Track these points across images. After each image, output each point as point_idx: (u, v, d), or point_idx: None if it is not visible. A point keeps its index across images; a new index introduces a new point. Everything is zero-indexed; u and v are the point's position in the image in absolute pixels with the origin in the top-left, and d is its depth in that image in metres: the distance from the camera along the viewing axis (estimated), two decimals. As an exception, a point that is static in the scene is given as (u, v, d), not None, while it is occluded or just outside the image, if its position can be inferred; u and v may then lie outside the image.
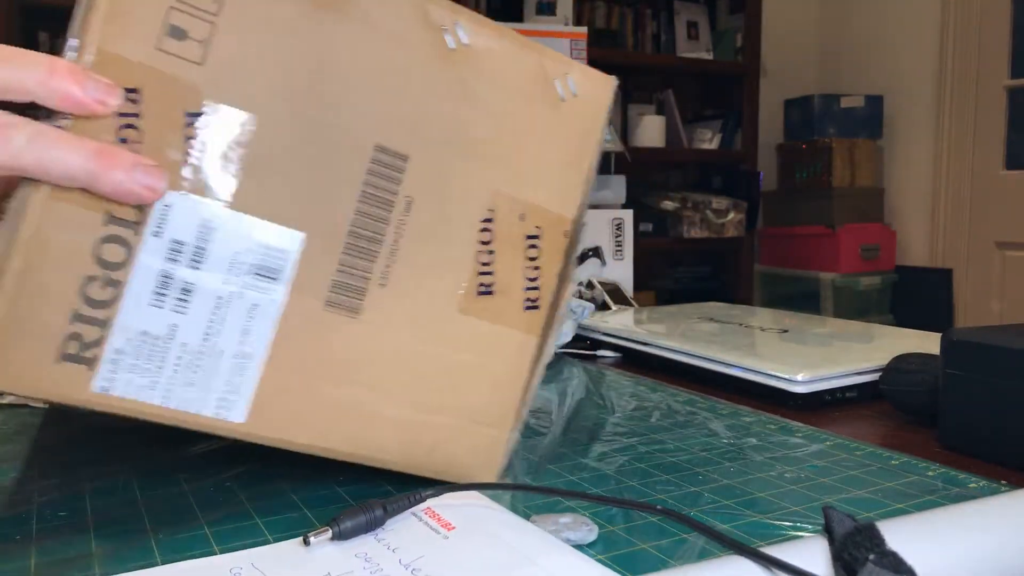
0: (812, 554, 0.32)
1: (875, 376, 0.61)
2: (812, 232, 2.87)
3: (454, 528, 0.35)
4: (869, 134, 2.96)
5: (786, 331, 0.79)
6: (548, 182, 0.42)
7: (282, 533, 0.37)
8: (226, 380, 0.36)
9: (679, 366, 0.72)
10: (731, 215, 2.93)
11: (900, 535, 0.32)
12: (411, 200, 0.39)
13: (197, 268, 0.35)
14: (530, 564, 0.32)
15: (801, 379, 0.60)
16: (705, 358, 0.69)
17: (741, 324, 0.84)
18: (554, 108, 0.42)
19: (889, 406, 0.60)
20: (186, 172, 0.34)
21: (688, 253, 3.14)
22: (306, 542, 0.33)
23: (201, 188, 0.35)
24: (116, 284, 0.34)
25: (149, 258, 0.34)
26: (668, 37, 3.05)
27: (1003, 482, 0.44)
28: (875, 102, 2.97)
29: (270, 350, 0.37)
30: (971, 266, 2.79)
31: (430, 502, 0.37)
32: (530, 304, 0.43)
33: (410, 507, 0.36)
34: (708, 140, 3.06)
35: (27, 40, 2.21)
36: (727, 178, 3.10)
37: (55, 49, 2.26)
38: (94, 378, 0.34)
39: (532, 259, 0.42)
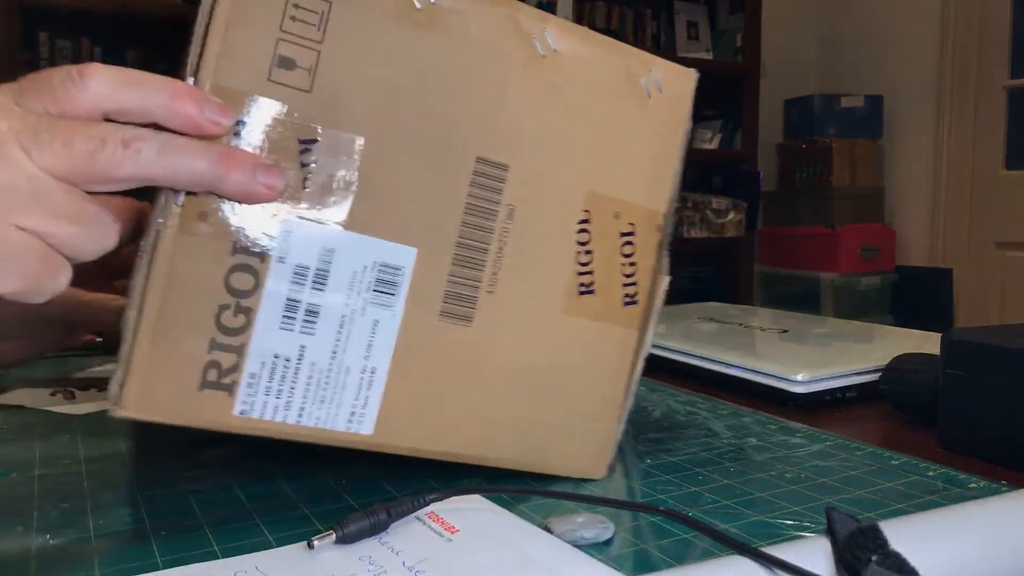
0: (814, 554, 0.32)
1: (875, 376, 0.61)
2: (812, 232, 2.87)
3: (458, 531, 0.35)
4: (869, 134, 2.96)
5: (786, 331, 0.79)
6: (639, 178, 0.44)
7: (284, 534, 0.37)
8: (355, 395, 0.38)
9: (679, 366, 0.72)
10: (731, 215, 2.93)
11: (900, 535, 0.32)
12: (513, 208, 0.40)
13: (321, 290, 0.36)
14: (534, 565, 0.32)
15: (801, 379, 0.60)
16: (705, 358, 0.69)
17: (741, 324, 0.84)
18: (641, 105, 0.43)
19: (889, 406, 0.60)
20: (304, 198, 0.36)
21: (688, 253, 3.14)
22: (310, 546, 0.33)
23: (319, 213, 0.36)
24: (247, 311, 0.35)
25: (276, 284, 0.36)
26: (668, 37, 3.05)
27: (1003, 482, 0.44)
28: (875, 102, 2.97)
29: (392, 363, 0.38)
30: (971, 266, 2.79)
31: (434, 506, 0.37)
32: (629, 300, 0.44)
33: (414, 511, 0.36)
34: (708, 140, 3.06)
35: (27, 40, 2.21)
36: (727, 178, 3.10)
37: (55, 49, 2.26)
38: (235, 403, 0.36)
39: (628, 255, 0.44)
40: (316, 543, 0.33)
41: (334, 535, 0.33)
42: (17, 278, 0.31)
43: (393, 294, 0.38)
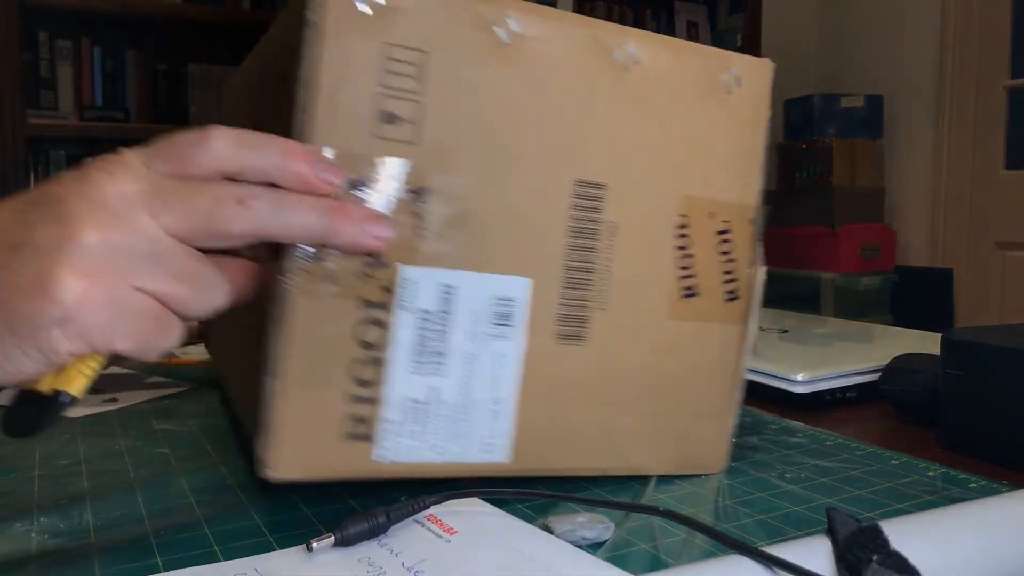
0: (814, 554, 0.32)
1: (875, 376, 0.61)
2: (812, 232, 2.87)
3: (457, 533, 0.35)
4: (869, 134, 2.95)
5: (786, 331, 0.79)
6: (728, 175, 0.44)
7: (283, 534, 0.37)
8: (485, 426, 0.39)
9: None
10: (731, 215, 2.92)
11: (900, 535, 0.32)
12: (614, 224, 0.41)
13: (445, 331, 0.38)
14: (534, 564, 0.32)
15: (801, 379, 0.60)
16: (705, 358, 0.69)
17: (741, 324, 0.84)
18: (723, 103, 0.44)
19: (889, 406, 0.60)
20: (420, 245, 0.37)
21: (688, 253, 3.14)
22: (309, 548, 0.33)
23: (435, 257, 0.37)
24: (379, 361, 0.36)
25: (403, 331, 0.37)
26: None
27: (1003, 482, 0.44)
28: (875, 102, 2.97)
29: (518, 391, 0.40)
30: (971, 266, 2.78)
31: (432, 509, 0.37)
32: (730, 296, 0.45)
33: (413, 514, 0.36)
34: (708, 140, 3.05)
35: (27, 40, 2.21)
36: (727, 178, 3.09)
37: (54, 49, 2.25)
38: (376, 450, 0.37)
39: (725, 253, 0.44)
40: (315, 545, 0.33)
41: (333, 537, 0.33)
42: (132, 338, 0.31)
43: (512, 325, 0.39)
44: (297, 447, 0.35)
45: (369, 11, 0.35)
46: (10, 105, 2.06)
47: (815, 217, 2.91)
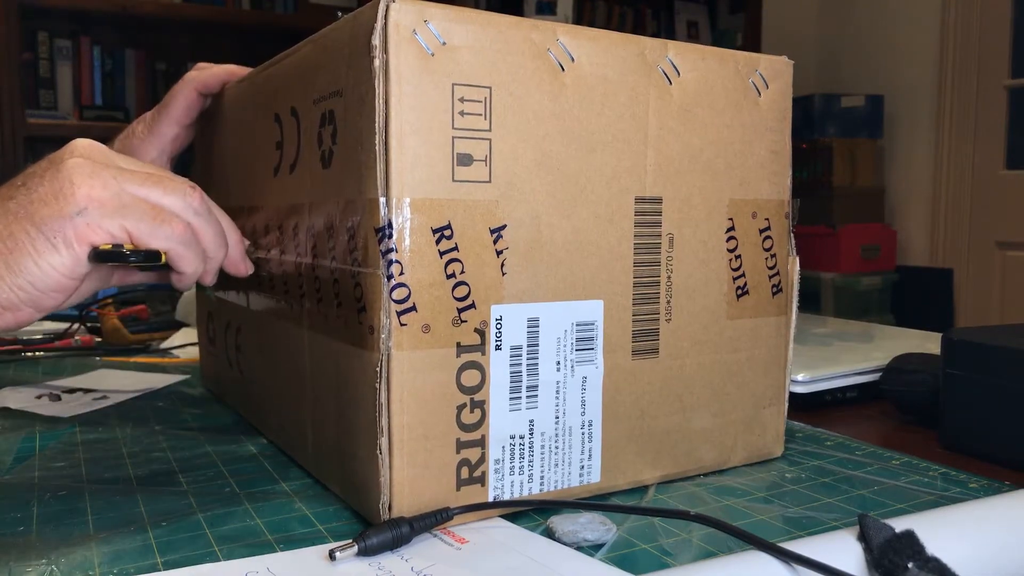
0: (838, 551, 0.31)
1: (875, 376, 0.61)
2: (812, 232, 2.87)
3: (467, 542, 0.35)
4: (869, 134, 2.95)
5: (786, 331, 0.79)
6: (765, 174, 0.46)
7: (283, 534, 0.37)
8: (580, 450, 0.41)
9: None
10: (731, 215, 2.92)
11: (901, 535, 0.32)
12: (672, 235, 0.42)
13: (535, 363, 0.38)
14: (543, 570, 0.32)
15: (801, 379, 0.60)
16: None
17: (741, 324, 0.84)
18: (755, 104, 0.45)
19: (889, 406, 0.60)
20: (505, 282, 0.37)
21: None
22: (332, 557, 0.33)
23: (519, 292, 0.38)
24: (481, 404, 0.37)
25: (498, 370, 0.37)
26: (668, 37, 3.05)
27: (1004, 482, 0.44)
28: (875, 102, 2.97)
29: (603, 411, 0.41)
30: (971, 266, 2.78)
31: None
32: (776, 289, 0.48)
33: (437, 524, 0.36)
34: (708, 140, 3.05)
35: (27, 40, 2.21)
36: (727, 178, 3.10)
37: (54, 49, 2.25)
38: (488, 491, 0.38)
39: (768, 249, 0.47)
40: (338, 555, 0.33)
41: (356, 547, 0.33)
42: (137, 223, 0.39)
43: (592, 348, 0.40)
44: (415, 502, 0.36)
45: (432, 52, 0.35)
46: (10, 105, 2.06)
47: (815, 217, 2.92)
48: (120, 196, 0.39)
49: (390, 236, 0.34)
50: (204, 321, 0.65)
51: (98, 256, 0.38)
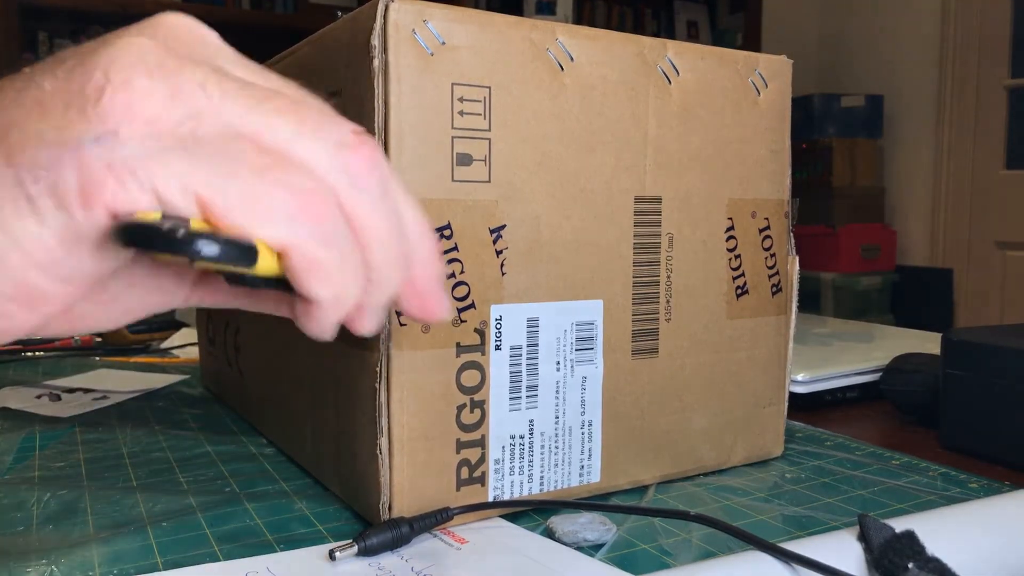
0: (838, 552, 0.31)
1: (875, 376, 0.61)
2: (812, 232, 2.87)
3: (467, 542, 0.35)
4: (869, 134, 2.95)
5: (786, 331, 0.79)
6: (764, 173, 0.46)
7: (283, 534, 0.37)
8: (580, 450, 0.40)
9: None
10: (731, 215, 2.92)
11: (901, 535, 0.32)
12: (671, 235, 0.42)
13: (534, 363, 0.38)
14: (543, 570, 0.32)
15: (801, 379, 0.60)
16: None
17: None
18: (754, 104, 0.45)
19: (889, 406, 0.60)
20: (505, 282, 0.37)
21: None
22: (332, 557, 0.33)
23: (518, 292, 0.38)
24: (481, 404, 0.37)
25: (498, 370, 0.37)
26: (668, 37, 3.05)
27: (1004, 482, 0.44)
28: (875, 102, 2.97)
29: (603, 411, 0.41)
30: (971, 266, 2.78)
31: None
32: (775, 288, 0.47)
33: (437, 524, 0.36)
34: (708, 140, 3.05)
35: (27, 40, 2.20)
36: (727, 178, 3.09)
37: (54, 49, 2.25)
38: (488, 491, 0.38)
39: (767, 248, 0.46)
40: (338, 555, 0.33)
41: (356, 547, 0.33)
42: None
43: (592, 348, 0.40)
44: (415, 501, 0.36)
45: (431, 52, 0.35)
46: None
47: (815, 217, 2.92)
48: (201, 121, 0.21)
49: None
50: (204, 321, 0.65)
51: (126, 234, 0.20)
